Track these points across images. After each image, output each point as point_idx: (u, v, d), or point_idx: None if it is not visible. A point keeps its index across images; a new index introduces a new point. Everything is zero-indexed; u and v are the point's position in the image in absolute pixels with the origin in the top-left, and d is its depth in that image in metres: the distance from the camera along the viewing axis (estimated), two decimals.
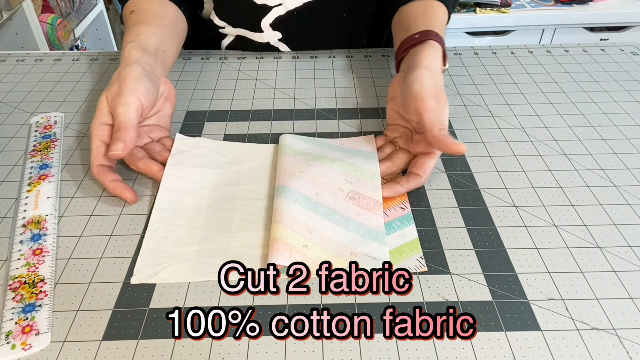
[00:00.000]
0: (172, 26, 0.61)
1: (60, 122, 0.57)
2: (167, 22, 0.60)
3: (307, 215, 0.43)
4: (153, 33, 0.56)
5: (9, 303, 0.37)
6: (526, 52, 0.72)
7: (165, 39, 0.58)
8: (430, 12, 0.58)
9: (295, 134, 0.54)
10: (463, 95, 0.62)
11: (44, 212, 0.45)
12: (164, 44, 0.57)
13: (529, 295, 0.38)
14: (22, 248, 0.41)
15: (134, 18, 0.59)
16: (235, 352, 0.35)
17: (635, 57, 0.70)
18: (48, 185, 0.47)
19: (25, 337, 0.35)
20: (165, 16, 0.60)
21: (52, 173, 0.48)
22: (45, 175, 0.48)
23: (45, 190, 0.47)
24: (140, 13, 0.59)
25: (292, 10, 0.69)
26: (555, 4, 1.56)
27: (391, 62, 0.69)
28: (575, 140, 0.54)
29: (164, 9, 0.61)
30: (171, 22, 0.61)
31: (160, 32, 0.57)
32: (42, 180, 0.48)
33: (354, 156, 0.49)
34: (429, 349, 0.35)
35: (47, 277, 0.39)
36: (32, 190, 0.47)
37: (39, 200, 0.46)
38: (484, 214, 0.45)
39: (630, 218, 0.45)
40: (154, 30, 0.57)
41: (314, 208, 0.43)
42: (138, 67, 0.49)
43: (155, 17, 0.59)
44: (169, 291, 0.39)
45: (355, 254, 0.40)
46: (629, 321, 0.36)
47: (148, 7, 0.60)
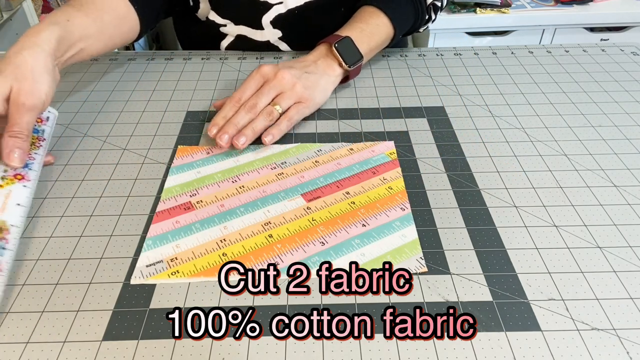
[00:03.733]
0: (111, 24, 0.58)
1: (53, 119, 0.51)
2: (106, 18, 0.57)
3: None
4: (83, 25, 0.54)
5: None
6: (526, 52, 0.72)
7: (92, 35, 0.55)
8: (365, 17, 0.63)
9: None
10: (463, 95, 0.62)
11: (9, 220, 0.40)
12: (89, 40, 0.55)
13: (529, 295, 0.38)
14: None
15: (75, 0, 0.57)
16: (235, 352, 0.35)
17: (635, 57, 0.70)
18: (22, 189, 0.42)
19: None
20: (107, 11, 0.58)
21: (30, 177, 0.44)
22: (22, 176, 0.43)
23: (17, 194, 0.42)
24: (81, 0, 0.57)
25: (292, 8, 0.69)
26: (555, 4, 1.56)
27: (391, 63, 0.69)
28: (575, 140, 0.54)
29: (111, 3, 0.59)
30: (111, 19, 0.58)
31: (93, 26, 0.55)
32: (16, 180, 0.43)
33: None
34: (429, 349, 0.35)
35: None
36: (3, 187, 0.42)
37: (7, 202, 0.41)
38: (484, 214, 0.45)
39: (630, 218, 0.45)
40: (87, 23, 0.54)
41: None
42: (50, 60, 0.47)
43: (96, 9, 0.57)
44: (169, 291, 0.39)
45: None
46: (629, 321, 0.36)
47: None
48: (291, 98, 0.54)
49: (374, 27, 0.62)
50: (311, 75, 0.56)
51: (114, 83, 0.65)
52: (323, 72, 0.58)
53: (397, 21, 0.64)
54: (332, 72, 0.59)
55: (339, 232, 0.43)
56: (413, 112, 0.59)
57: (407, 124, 0.57)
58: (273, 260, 0.41)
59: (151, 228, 0.44)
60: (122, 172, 0.50)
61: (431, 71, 0.67)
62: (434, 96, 0.62)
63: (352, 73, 0.61)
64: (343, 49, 0.59)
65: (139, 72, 0.68)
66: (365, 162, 0.51)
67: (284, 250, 0.42)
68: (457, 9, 1.54)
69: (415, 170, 0.50)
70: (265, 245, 0.42)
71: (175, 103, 0.61)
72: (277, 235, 0.43)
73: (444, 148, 0.53)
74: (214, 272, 0.40)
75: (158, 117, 0.59)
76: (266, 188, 0.48)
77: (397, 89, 0.63)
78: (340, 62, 0.59)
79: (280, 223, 0.44)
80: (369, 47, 0.62)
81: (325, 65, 0.59)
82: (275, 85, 0.54)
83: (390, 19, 0.63)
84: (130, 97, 0.63)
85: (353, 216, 0.45)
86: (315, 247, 0.42)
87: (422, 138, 0.55)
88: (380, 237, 0.43)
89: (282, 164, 0.51)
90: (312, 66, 0.58)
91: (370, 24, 0.62)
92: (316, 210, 0.45)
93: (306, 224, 0.44)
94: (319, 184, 0.48)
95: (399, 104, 0.60)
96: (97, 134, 0.56)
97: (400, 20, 0.64)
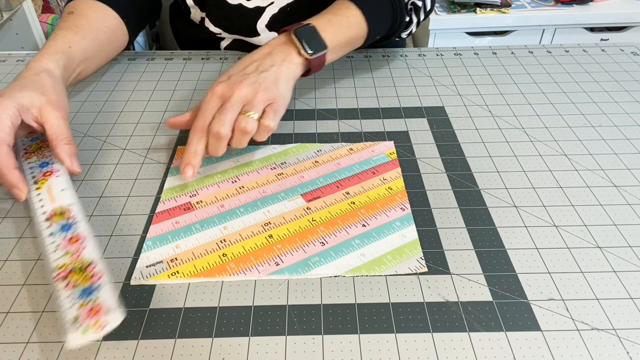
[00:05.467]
0: (106, 42, 0.59)
1: None
2: (102, 37, 0.58)
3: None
4: (83, 49, 0.55)
5: (63, 292, 0.36)
6: (526, 52, 0.72)
7: (90, 57, 0.57)
8: (335, 9, 0.58)
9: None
10: (463, 95, 0.62)
11: (64, 203, 0.43)
12: (87, 63, 0.57)
13: (529, 295, 0.38)
14: (55, 239, 0.40)
15: (71, 19, 0.57)
16: (235, 352, 0.35)
17: (635, 57, 0.70)
18: (56, 179, 0.46)
19: (95, 317, 0.34)
20: (102, 30, 0.58)
21: (55, 168, 0.47)
22: (49, 172, 0.47)
23: (56, 184, 0.45)
24: (78, 18, 0.57)
25: (284, 6, 0.68)
26: (555, 4, 1.56)
27: (391, 62, 0.69)
28: (575, 140, 0.54)
29: (104, 21, 0.59)
30: (106, 38, 0.59)
31: (91, 49, 0.56)
32: (47, 177, 0.46)
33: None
34: (429, 349, 0.35)
35: (94, 259, 0.38)
36: (40, 187, 0.45)
37: (53, 195, 0.44)
38: (484, 214, 0.45)
39: (630, 218, 0.45)
40: (85, 47, 0.55)
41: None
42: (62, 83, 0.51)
43: (92, 29, 0.57)
44: (169, 291, 0.39)
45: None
46: (629, 321, 0.36)
47: (89, 14, 0.58)
48: (260, 103, 0.48)
49: (344, 19, 0.58)
50: (267, 73, 0.50)
51: (114, 83, 0.65)
52: (280, 63, 0.52)
53: (370, 17, 0.59)
54: (290, 60, 0.53)
55: (339, 233, 0.43)
56: (413, 112, 0.59)
57: (407, 124, 0.57)
58: (273, 261, 0.41)
59: (151, 229, 0.44)
60: (122, 172, 0.50)
61: (431, 71, 0.67)
62: (434, 96, 0.62)
63: (314, 64, 0.54)
64: (303, 36, 0.53)
65: (139, 72, 0.68)
66: (365, 162, 0.51)
67: (284, 251, 0.42)
68: (457, 9, 1.54)
69: (415, 170, 0.50)
70: (266, 245, 0.42)
71: (175, 103, 0.61)
72: (277, 236, 0.43)
73: (444, 148, 0.53)
74: (214, 272, 0.40)
75: (158, 117, 0.59)
76: (266, 188, 0.48)
77: (397, 89, 0.63)
78: (299, 49, 0.53)
79: (280, 223, 0.44)
80: (335, 39, 0.56)
81: (282, 54, 0.53)
82: (237, 101, 0.48)
83: (363, 12, 0.58)
84: (130, 97, 0.63)
85: (353, 216, 0.45)
86: (316, 248, 0.42)
87: (422, 138, 0.55)
88: (380, 237, 0.43)
89: (282, 164, 0.51)
90: (266, 60, 0.52)
91: (339, 15, 0.58)
92: (316, 211, 0.45)
93: (306, 224, 0.44)
94: (319, 184, 0.48)
95: (399, 104, 0.60)
96: (97, 134, 0.56)
97: (375, 17, 0.60)
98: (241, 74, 0.50)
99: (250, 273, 0.40)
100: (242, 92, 0.48)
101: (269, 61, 0.52)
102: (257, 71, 0.50)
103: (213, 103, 0.48)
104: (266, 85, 0.49)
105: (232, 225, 0.44)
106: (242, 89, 0.48)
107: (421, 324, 0.36)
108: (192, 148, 0.46)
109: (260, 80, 0.49)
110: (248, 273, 0.40)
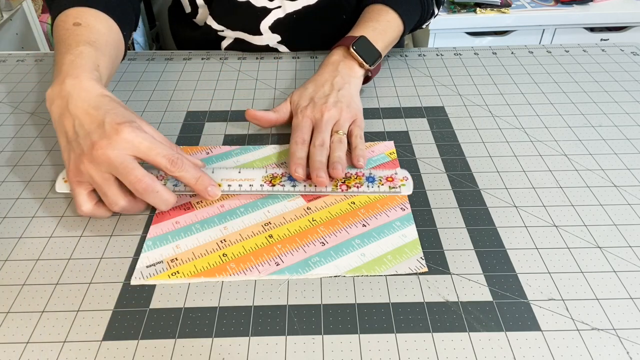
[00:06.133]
0: (115, 57, 0.56)
1: None
2: (113, 53, 0.55)
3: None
4: (106, 67, 0.52)
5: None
6: (526, 52, 0.72)
7: (110, 74, 0.54)
8: (374, 15, 0.62)
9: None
10: (463, 95, 0.62)
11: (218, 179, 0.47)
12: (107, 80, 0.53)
13: (529, 295, 0.38)
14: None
15: (84, 33, 0.52)
16: (235, 352, 0.35)
17: (635, 57, 0.70)
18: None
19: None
20: (112, 44, 0.55)
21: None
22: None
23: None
24: (90, 32, 0.53)
25: (290, 12, 0.69)
26: (555, 4, 1.56)
27: (391, 63, 0.69)
28: (575, 140, 0.54)
29: (111, 33, 0.56)
30: (115, 53, 0.56)
31: (110, 66, 0.53)
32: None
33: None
34: (429, 349, 0.35)
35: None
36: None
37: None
38: (484, 214, 0.45)
39: (630, 218, 0.45)
40: (106, 64, 0.52)
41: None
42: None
43: (106, 44, 0.54)
44: (169, 291, 0.39)
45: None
46: (629, 321, 0.36)
47: (97, 26, 0.54)
48: (346, 122, 0.53)
49: (386, 24, 0.62)
50: (343, 91, 0.55)
51: (114, 83, 0.65)
52: (349, 79, 0.57)
53: (405, 16, 0.63)
54: (354, 75, 0.58)
55: (339, 233, 0.43)
56: (413, 112, 0.59)
57: (407, 124, 0.57)
58: (273, 261, 0.41)
59: (151, 229, 0.44)
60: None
61: (431, 71, 0.67)
62: (434, 96, 0.62)
63: (373, 72, 0.60)
64: (361, 49, 0.58)
65: (139, 72, 0.68)
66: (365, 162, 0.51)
67: (284, 251, 0.42)
68: (457, 9, 1.54)
69: (415, 170, 0.50)
70: (266, 245, 0.42)
71: (175, 103, 0.61)
72: (277, 236, 0.43)
73: (444, 148, 0.53)
74: (214, 272, 0.40)
75: (158, 117, 0.59)
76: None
77: (397, 89, 0.63)
78: (361, 62, 0.58)
79: (281, 223, 0.44)
80: (384, 44, 0.61)
81: (347, 69, 0.57)
82: (328, 121, 0.52)
83: (399, 14, 0.63)
84: (130, 97, 0.63)
85: (353, 216, 0.45)
86: (316, 248, 0.42)
87: (422, 138, 0.55)
88: (380, 237, 0.43)
89: (282, 164, 0.51)
90: (337, 78, 0.56)
91: (381, 21, 0.62)
92: (316, 211, 0.45)
93: (306, 224, 0.44)
94: None
95: (399, 104, 0.60)
96: None
97: (409, 16, 0.64)
98: (320, 94, 0.54)
99: (250, 273, 0.40)
100: (330, 111, 0.52)
101: (339, 80, 0.56)
102: (334, 90, 0.55)
103: (306, 123, 0.52)
104: (347, 103, 0.53)
105: (232, 225, 0.44)
106: (330, 110, 0.52)
107: (421, 324, 0.36)
108: (298, 154, 0.49)
109: (340, 99, 0.54)
110: (248, 273, 0.40)
